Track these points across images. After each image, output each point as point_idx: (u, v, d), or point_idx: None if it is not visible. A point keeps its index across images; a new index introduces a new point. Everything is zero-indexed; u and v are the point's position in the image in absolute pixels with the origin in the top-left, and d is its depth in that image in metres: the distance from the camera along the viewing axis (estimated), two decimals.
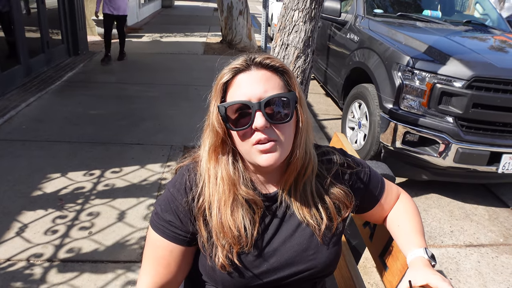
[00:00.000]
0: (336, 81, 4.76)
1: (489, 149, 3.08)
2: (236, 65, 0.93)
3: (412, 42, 3.57)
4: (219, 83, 0.95)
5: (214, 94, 0.95)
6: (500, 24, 4.75)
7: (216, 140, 0.96)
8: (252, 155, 0.93)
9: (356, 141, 4.01)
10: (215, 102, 0.95)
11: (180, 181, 1.01)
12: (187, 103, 5.19)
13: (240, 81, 0.92)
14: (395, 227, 1.15)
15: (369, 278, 2.52)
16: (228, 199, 0.96)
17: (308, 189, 1.02)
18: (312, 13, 2.98)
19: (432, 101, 3.16)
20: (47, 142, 3.87)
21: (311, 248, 1.04)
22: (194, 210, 0.99)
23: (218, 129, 0.94)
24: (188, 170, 1.02)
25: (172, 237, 0.99)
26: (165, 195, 1.02)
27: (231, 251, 0.97)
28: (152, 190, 3.15)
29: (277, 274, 1.02)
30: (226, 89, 0.95)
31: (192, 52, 8.35)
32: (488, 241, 2.98)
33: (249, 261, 1.00)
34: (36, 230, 2.64)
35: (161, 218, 1.00)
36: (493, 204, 3.50)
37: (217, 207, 0.96)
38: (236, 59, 0.95)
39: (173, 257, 1.01)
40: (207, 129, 0.98)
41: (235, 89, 0.93)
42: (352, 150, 1.77)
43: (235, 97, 0.92)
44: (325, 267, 1.06)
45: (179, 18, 14.34)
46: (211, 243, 0.99)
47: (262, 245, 1.01)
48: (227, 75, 0.93)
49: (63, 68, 6.49)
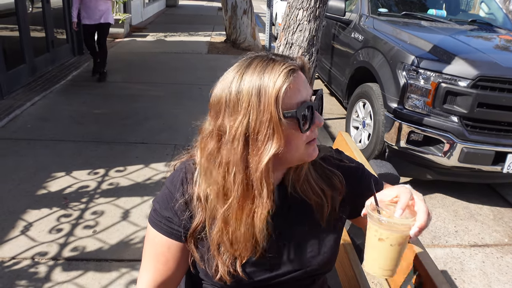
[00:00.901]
0: (340, 80, 4.75)
1: (494, 148, 3.07)
2: (287, 71, 0.88)
3: (417, 41, 3.56)
4: (277, 94, 0.86)
5: (267, 104, 0.86)
6: (505, 23, 4.73)
7: (277, 148, 0.88)
8: (301, 151, 0.93)
9: (360, 141, 4.01)
10: (273, 110, 0.86)
11: (177, 177, 1.00)
12: (191, 102, 5.20)
13: (297, 85, 0.89)
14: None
15: (373, 278, 2.52)
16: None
17: (310, 177, 1.03)
18: (317, 12, 2.98)
19: (437, 100, 3.14)
20: (51, 141, 3.89)
21: (311, 245, 1.04)
22: (190, 205, 0.98)
23: (280, 137, 0.87)
24: (185, 167, 1.02)
25: (170, 234, 0.99)
26: (163, 192, 1.01)
27: (234, 264, 0.97)
28: (156, 189, 3.16)
29: (276, 271, 1.02)
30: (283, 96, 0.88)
31: (196, 52, 8.36)
32: (493, 241, 2.96)
33: (253, 267, 0.99)
34: (41, 228, 2.65)
35: (159, 214, 1.00)
36: (498, 204, 3.48)
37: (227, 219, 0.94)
38: (272, 65, 0.88)
39: (171, 253, 1.01)
40: (237, 142, 0.88)
41: (294, 94, 0.88)
42: (356, 149, 1.76)
43: (297, 100, 0.89)
44: (323, 265, 1.07)
45: (183, 17, 14.36)
46: (207, 258, 0.99)
47: (271, 248, 0.99)
48: (286, 83, 0.86)
49: (67, 68, 6.52)
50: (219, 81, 0.93)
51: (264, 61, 0.90)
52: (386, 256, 0.90)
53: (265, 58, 0.90)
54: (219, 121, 0.90)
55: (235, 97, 0.87)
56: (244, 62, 0.92)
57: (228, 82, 0.90)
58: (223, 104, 0.89)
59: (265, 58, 0.91)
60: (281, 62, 0.89)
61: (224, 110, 0.89)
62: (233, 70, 0.92)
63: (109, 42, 8.77)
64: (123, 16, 9.30)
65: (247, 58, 0.93)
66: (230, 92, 0.88)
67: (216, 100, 0.91)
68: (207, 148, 0.92)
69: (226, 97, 0.89)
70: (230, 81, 0.89)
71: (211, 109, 0.94)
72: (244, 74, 0.88)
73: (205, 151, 0.93)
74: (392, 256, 0.90)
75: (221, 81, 0.92)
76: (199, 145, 0.96)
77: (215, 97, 0.92)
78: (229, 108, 0.88)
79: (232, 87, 0.88)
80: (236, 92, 0.88)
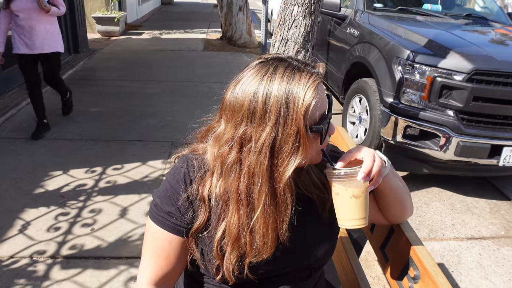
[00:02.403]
0: (336, 76, 4.75)
1: (490, 142, 3.08)
2: (316, 85, 0.87)
3: (412, 36, 3.57)
4: (307, 109, 0.85)
5: (296, 118, 0.85)
6: (500, 17, 4.74)
7: (302, 159, 0.88)
8: (313, 157, 0.94)
9: (357, 136, 4.02)
10: (302, 124, 0.86)
11: (179, 172, 0.99)
12: (187, 99, 5.20)
13: (321, 98, 0.89)
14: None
15: (370, 272, 2.53)
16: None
17: (312, 172, 1.04)
18: (312, 8, 2.98)
19: (432, 94, 3.15)
20: (48, 140, 3.88)
21: (313, 238, 1.06)
22: (194, 203, 0.99)
23: (305, 150, 0.88)
24: (187, 161, 1.01)
25: (172, 228, 0.99)
26: (165, 186, 1.01)
27: (241, 262, 0.97)
28: (153, 187, 3.16)
29: (278, 265, 1.03)
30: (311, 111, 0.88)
31: (192, 49, 8.34)
32: (490, 233, 2.98)
33: (257, 263, 0.99)
34: (39, 227, 2.65)
35: (161, 209, 0.99)
36: (494, 197, 3.50)
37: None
38: (299, 75, 0.87)
39: (173, 248, 1.01)
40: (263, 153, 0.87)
41: (319, 108, 0.89)
42: (353, 144, 1.77)
43: (320, 113, 0.90)
44: (322, 257, 1.09)
45: (179, 14, 14.32)
46: (209, 259, 0.99)
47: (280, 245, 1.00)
48: (315, 99, 0.86)
49: (63, 66, 6.48)
50: (237, 83, 0.90)
51: (290, 68, 0.88)
52: (349, 208, 0.95)
53: (289, 65, 0.89)
54: (242, 130, 0.88)
55: (262, 106, 0.85)
56: (267, 67, 0.89)
57: (252, 88, 0.87)
58: (246, 111, 0.87)
59: (289, 65, 0.89)
60: (307, 73, 0.88)
61: (248, 118, 0.87)
62: (254, 75, 0.89)
63: (105, 40, 8.78)
64: (118, 14, 9.27)
65: (267, 61, 0.91)
66: (256, 101, 0.86)
67: (237, 105, 0.88)
68: (225, 155, 0.91)
69: (251, 105, 0.86)
70: (255, 87, 0.87)
71: (226, 112, 0.91)
72: (271, 83, 0.86)
73: (221, 157, 0.92)
74: (355, 206, 0.95)
75: (241, 85, 0.89)
76: (211, 147, 0.94)
77: (236, 101, 0.88)
78: (254, 117, 0.86)
79: (258, 95, 0.86)
80: (263, 101, 0.85)
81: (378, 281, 2.46)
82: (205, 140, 1.01)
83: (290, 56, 0.94)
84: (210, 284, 1.09)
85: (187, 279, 1.19)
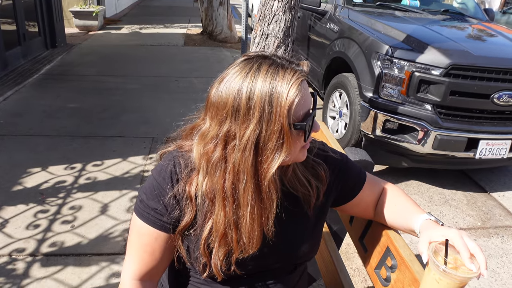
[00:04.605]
0: (316, 71, 4.78)
1: (467, 135, 3.15)
2: (299, 82, 0.87)
3: (391, 31, 3.61)
4: (290, 106, 0.86)
5: (279, 115, 0.85)
6: (477, 13, 4.83)
7: (285, 156, 0.89)
8: (297, 154, 0.95)
9: (337, 130, 4.05)
10: (285, 121, 0.86)
11: (165, 169, 0.99)
12: (168, 95, 5.16)
13: (304, 96, 0.90)
14: (393, 207, 1.15)
15: (351, 264, 2.57)
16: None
17: (297, 170, 1.05)
18: (292, 3, 2.99)
19: (411, 89, 3.20)
20: (26, 136, 3.81)
21: (298, 235, 1.08)
22: (181, 202, 0.98)
23: (288, 147, 0.89)
24: (173, 158, 1.01)
25: (157, 225, 0.99)
26: (151, 182, 1.00)
27: (228, 259, 0.99)
28: (134, 183, 3.14)
29: (265, 261, 1.05)
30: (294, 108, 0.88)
31: (172, 44, 8.27)
32: (467, 225, 3.06)
33: (244, 259, 1.00)
34: (17, 225, 2.61)
35: (147, 205, 0.99)
36: (471, 189, 3.58)
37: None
38: (282, 72, 0.87)
39: (158, 244, 1.01)
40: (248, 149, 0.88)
41: (302, 105, 0.89)
42: (333, 138, 1.79)
43: (303, 110, 0.90)
44: (308, 253, 1.11)
45: (158, 9, 14.18)
46: (196, 256, 1.00)
47: (266, 241, 1.01)
48: (299, 96, 0.86)
49: (40, 61, 6.38)
50: (222, 81, 0.90)
51: (274, 66, 0.88)
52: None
53: (273, 63, 0.89)
54: (226, 127, 0.88)
55: (246, 104, 0.86)
56: (251, 64, 0.89)
57: (236, 86, 0.87)
58: (231, 109, 0.87)
59: (273, 62, 0.89)
60: (291, 71, 0.88)
61: (232, 116, 0.87)
62: (238, 72, 0.89)
63: (83, 35, 8.64)
64: (96, 8, 9.12)
65: (251, 59, 0.91)
66: (240, 98, 0.86)
67: (221, 102, 0.88)
68: (210, 153, 0.91)
69: (235, 102, 0.86)
70: (239, 84, 0.87)
71: (211, 109, 0.91)
72: (254, 80, 0.86)
73: (206, 154, 0.92)
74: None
75: (225, 82, 0.89)
76: (196, 145, 0.94)
77: (220, 99, 0.89)
78: (238, 115, 0.87)
79: (242, 92, 0.86)
80: (247, 98, 0.86)
81: (358, 273, 2.50)
82: (190, 138, 1.01)
83: (275, 53, 0.94)
84: (196, 280, 1.10)
85: (171, 274, 1.20)
